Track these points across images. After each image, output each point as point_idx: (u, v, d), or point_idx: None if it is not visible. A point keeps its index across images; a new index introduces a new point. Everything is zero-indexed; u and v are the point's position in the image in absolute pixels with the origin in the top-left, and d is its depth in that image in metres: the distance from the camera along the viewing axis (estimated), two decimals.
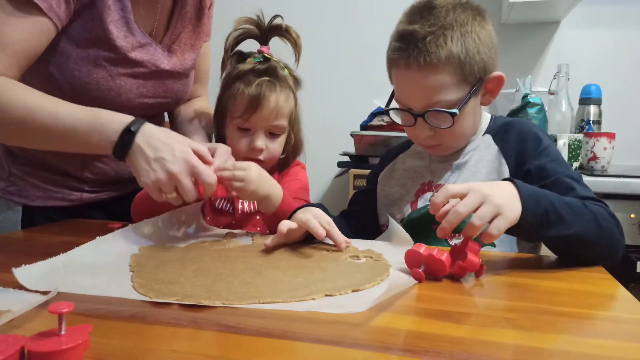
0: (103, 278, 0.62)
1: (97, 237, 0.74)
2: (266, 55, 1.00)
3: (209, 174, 0.76)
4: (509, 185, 0.68)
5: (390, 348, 0.44)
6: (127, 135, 0.76)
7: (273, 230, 0.80)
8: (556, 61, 1.81)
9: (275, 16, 1.01)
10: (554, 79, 1.74)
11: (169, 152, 0.75)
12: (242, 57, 1.02)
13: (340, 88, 2.25)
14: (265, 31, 1.01)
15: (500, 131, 0.89)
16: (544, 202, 0.67)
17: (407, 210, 0.93)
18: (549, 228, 0.68)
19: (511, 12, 1.88)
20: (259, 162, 0.99)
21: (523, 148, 0.85)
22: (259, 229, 1.01)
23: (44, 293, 0.53)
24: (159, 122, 1.15)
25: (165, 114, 1.18)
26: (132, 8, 0.91)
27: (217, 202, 1.03)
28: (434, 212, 0.66)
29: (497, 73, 0.84)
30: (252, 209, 1.04)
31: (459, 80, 0.80)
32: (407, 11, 0.85)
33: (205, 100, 1.21)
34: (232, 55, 1.02)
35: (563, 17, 1.99)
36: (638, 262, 1.38)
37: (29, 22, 0.80)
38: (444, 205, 0.66)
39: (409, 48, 0.80)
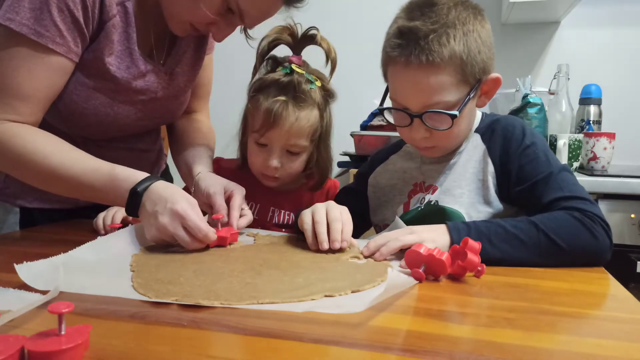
0: (103, 278, 0.62)
1: (98, 237, 0.74)
2: (294, 66, 0.94)
3: (197, 227, 0.73)
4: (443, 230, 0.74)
5: (390, 348, 0.44)
6: (135, 195, 0.76)
7: None
8: (556, 61, 1.81)
9: (311, 27, 0.97)
10: (554, 79, 1.74)
11: (162, 205, 0.74)
12: (276, 63, 0.97)
13: (340, 88, 2.24)
14: (298, 40, 0.97)
15: (488, 130, 0.88)
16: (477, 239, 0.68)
17: (400, 211, 0.92)
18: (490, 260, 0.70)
19: (511, 12, 1.88)
20: (275, 179, 0.98)
21: (506, 148, 0.84)
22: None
23: (44, 293, 0.53)
24: (155, 135, 1.14)
25: None
26: (138, 36, 0.89)
27: None
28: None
29: (494, 75, 0.83)
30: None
31: (459, 80, 0.78)
32: (405, 7, 0.82)
33: (206, 114, 1.19)
34: (267, 59, 0.98)
35: (563, 17, 1.99)
36: (638, 262, 1.38)
37: (49, 67, 0.80)
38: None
39: (410, 45, 0.76)
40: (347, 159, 1.83)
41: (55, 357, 0.39)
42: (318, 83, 0.97)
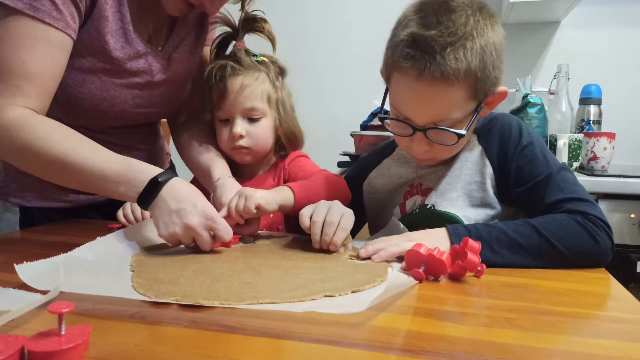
0: (103, 278, 0.62)
1: (98, 237, 0.74)
2: (236, 47, 1.00)
3: (227, 231, 0.75)
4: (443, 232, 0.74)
5: (390, 348, 0.44)
6: (154, 186, 0.75)
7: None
8: (556, 61, 1.81)
9: (254, 10, 1.00)
10: (554, 79, 1.74)
11: (190, 204, 0.74)
12: None
13: (340, 88, 2.25)
14: (237, 28, 1.01)
15: (484, 130, 0.86)
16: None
17: (397, 212, 0.91)
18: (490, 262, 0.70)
19: (511, 12, 1.88)
20: (245, 149, 0.98)
21: (504, 148, 0.82)
22: (272, 215, 1.00)
23: (44, 293, 0.53)
24: (154, 127, 1.14)
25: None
26: (132, 17, 0.89)
27: None
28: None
29: (502, 88, 0.78)
30: None
31: (469, 97, 0.74)
32: (418, 8, 0.74)
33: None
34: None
35: (563, 17, 1.99)
36: (638, 262, 1.38)
37: (50, 43, 0.79)
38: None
39: (424, 57, 0.70)
40: (347, 159, 1.83)
41: (55, 357, 0.39)
42: (264, 58, 1.01)
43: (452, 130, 0.74)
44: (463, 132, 0.75)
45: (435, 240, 0.71)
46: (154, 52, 0.95)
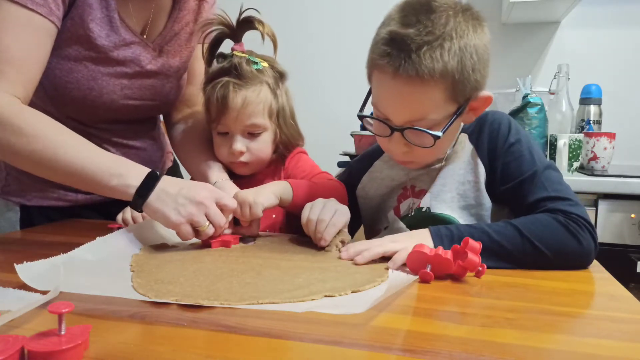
0: (103, 278, 0.62)
1: (98, 237, 0.74)
2: (235, 52, 0.95)
3: (232, 200, 0.79)
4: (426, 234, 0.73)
5: (390, 348, 0.44)
6: (151, 179, 0.75)
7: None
8: (556, 61, 1.81)
9: (245, 10, 0.95)
10: (554, 79, 1.74)
11: (190, 184, 0.77)
12: (224, 58, 0.97)
13: (340, 88, 2.25)
14: (235, 29, 0.96)
15: (475, 129, 0.85)
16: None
17: (391, 215, 0.90)
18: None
19: (511, 12, 1.88)
20: (244, 165, 0.97)
21: (493, 146, 0.82)
22: (274, 216, 1.00)
23: (44, 293, 0.53)
24: (151, 125, 1.13)
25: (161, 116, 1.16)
26: (118, 6, 0.89)
27: None
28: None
29: (486, 93, 0.76)
30: None
31: (448, 98, 0.72)
32: (400, 7, 0.74)
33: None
34: (216, 57, 0.98)
35: (563, 17, 1.99)
36: (638, 262, 1.38)
37: (34, 30, 0.79)
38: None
39: (400, 56, 0.70)
40: (347, 159, 1.83)
41: (55, 357, 0.39)
42: (265, 64, 0.96)
43: (427, 131, 0.73)
44: (439, 133, 0.73)
45: (419, 241, 0.70)
46: (144, 42, 0.95)
